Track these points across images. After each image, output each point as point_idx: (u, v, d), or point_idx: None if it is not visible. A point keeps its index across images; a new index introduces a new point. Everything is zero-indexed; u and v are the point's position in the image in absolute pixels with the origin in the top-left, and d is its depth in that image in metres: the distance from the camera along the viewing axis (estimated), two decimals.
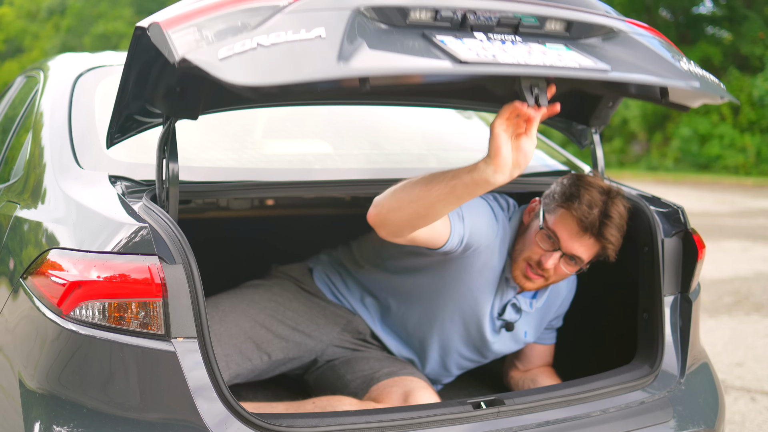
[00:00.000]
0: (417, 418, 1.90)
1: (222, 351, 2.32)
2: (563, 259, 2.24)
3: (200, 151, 2.75)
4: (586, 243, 2.22)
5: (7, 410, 1.92)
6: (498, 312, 2.39)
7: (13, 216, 2.24)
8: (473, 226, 2.20)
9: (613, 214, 2.20)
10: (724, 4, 21.28)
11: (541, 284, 2.31)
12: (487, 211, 2.29)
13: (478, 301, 2.34)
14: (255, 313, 2.40)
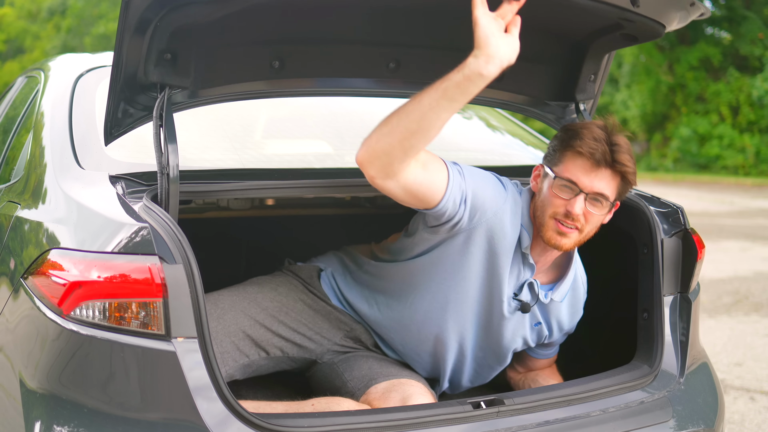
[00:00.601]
0: (417, 417, 1.90)
1: (218, 348, 2.32)
2: (588, 202, 2.13)
3: (200, 152, 2.76)
4: (605, 176, 2.13)
5: (7, 410, 1.92)
6: (514, 291, 2.28)
7: (14, 216, 2.25)
8: (476, 187, 2.13)
9: (620, 142, 2.13)
10: (723, 5, 21.29)
11: (577, 239, 2.17)
12: (491, 177, 2.20)
13: (493, 277, 2.24)
14: (256, 312, 2.40)
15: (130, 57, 1.94)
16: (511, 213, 2.20)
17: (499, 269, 2.22)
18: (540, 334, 2.42)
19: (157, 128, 1.99)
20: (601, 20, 2.24)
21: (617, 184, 2.15)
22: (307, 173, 2.60)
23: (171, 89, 2.02)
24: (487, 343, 2.36)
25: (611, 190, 2.15)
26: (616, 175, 2.14)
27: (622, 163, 2.12)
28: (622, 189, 2.18)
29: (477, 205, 2.13)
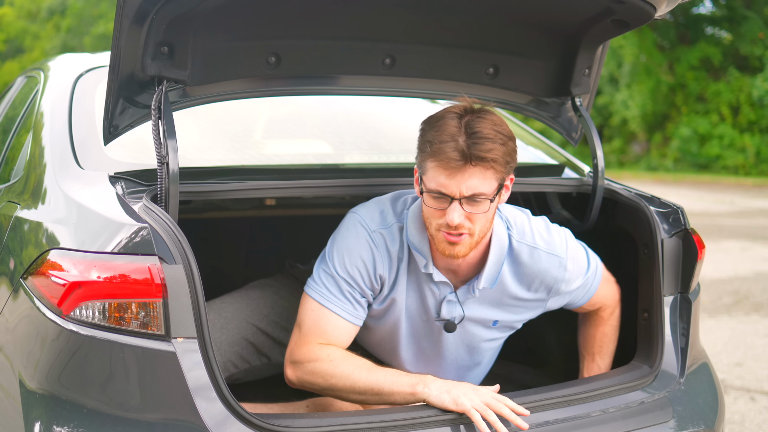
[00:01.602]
0: (417, 418, 1.90)
1: (221, 357, 2.33)
2: (466, 205, 1.96)
3: (200, 152, 2.76)
4: (472, 174, 1.93)
5: (7, 410, 1.92)
6: (435, 314, 2.20)
7: (14, 216, 2.25)
8: (361, 289, 2.11)
9: (478, 128, 1.92)
10: (723, 5, 21.28)
11: (470, 243, 2.02)
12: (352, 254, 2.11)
13: (413, 318, 2.20)
14: (258, 319, 2.40)
15: (127, 51, 1.95)
16: (389, 257, 2.13)
17: (414, 306, 2.19)
18: (509, 325, 2.29)
19: (156, 120, 1.99)
20: (590, 7, 2.24)
21: (490, 175, 1.96)
22: (307, 171, 2.60)
23: (168, 83, 2.03)
24: (453, 365, 2.33)
25: (486, 185, 1.96)
26: (482, 168, 1.94)
27: (484, 156, 1.92)
28: (502, 173, 1.99)
29: (369, 291, 2.13)
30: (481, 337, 2.27)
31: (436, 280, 2.14)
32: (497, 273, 2.16)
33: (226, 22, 2.07)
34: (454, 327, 2.20)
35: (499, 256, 2.15)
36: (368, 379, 2.00)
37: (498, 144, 1.94)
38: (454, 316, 2.19)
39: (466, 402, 1.91)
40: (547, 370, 2.85)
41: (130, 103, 2.11)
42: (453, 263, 2.12)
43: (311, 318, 2.09)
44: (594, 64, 2.54)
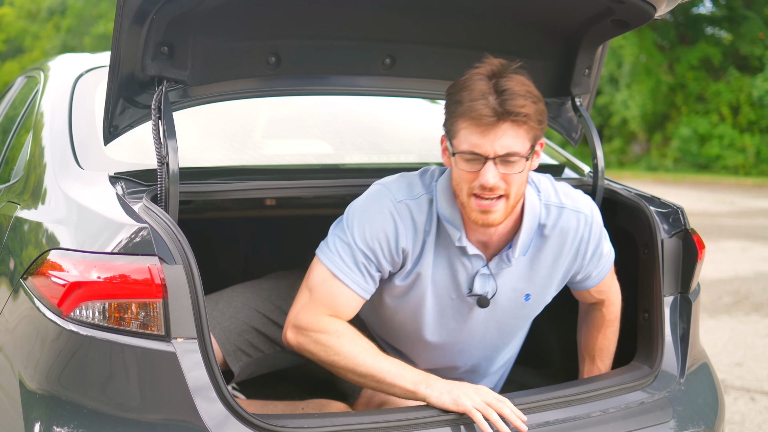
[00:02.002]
0: (417, 418, 1.90)
1: (232, 346, 2.32)
2: (500, 165, 1.91)
3: (201, 152, 2.76)
4: (505, 131, 1.89)
5: (7, 410, 1.92)
6: (467, 289, 2.13)
7: (14, 216, 2.25)
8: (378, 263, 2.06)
9: (508, 86, 1.89)
10: (723, 5, 21.28)
11: (506, 208, 1.97)
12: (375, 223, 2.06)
13: (441, 296, 2.14)
14: (269, 310, 2.39)
15: (127, 52, 1.95)
16: (414, 230, 2.07)
17: (442, 280, 2.13)
18: (540, 299, 2.24)
19: (156, 120, 1.99)
20: (590, 7, 2.24)
21: (523, 132, 1.92)
22: (307, 171, 2.60)
23: (168, 83, 2.03)
24: (481, 344, 2.28)
25: (519, 143, 1.91)
26: (515, 125, 1.90)
27: (516, 112, 1.88)
28: (535, 131, 1.95)
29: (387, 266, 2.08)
30: (512, 313, 2.21)
31: (470, 254, 2.08)
32: (530, 240, 2.11)
33: (226, 22, 2.07)
34: (487, 302, 2.13)
35: (532, 222, 2.10)
36: (372, 365, 1.98)
37: (530, 102, 1.90)
38: (487, 291, 2.12)
39: (467, 402, 1.91)
40: (547, 370, 2.84)
41: (130, 103, 2.11)
42: (486, 234, 2.07)
43: (322, 286, 2.05)
44: (594, 64, 2.54)
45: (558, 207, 2.13)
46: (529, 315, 2.27)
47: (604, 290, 2.32)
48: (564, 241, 2.14)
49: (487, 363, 2.36)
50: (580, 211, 2.14)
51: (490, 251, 2.13)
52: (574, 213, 2.14)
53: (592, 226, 2.16)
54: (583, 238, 2.15)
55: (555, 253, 2.15)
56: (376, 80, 2.43)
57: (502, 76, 1.92)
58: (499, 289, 2.14)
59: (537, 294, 2.20)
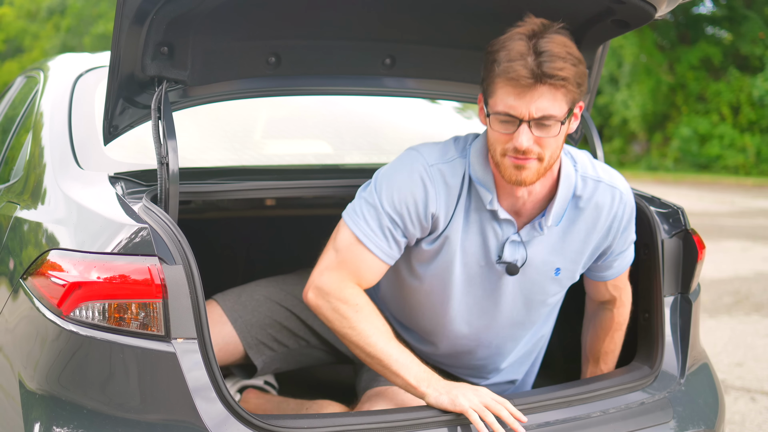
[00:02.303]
0: (417, 419, 1.90)
1: (254, 339, 2.32)
2: (535, 128, 1.89)
3: (200, 152, 2.76)
4: (542, 94, 1.86)
5: (7, 411, 1.91)
6: (497, 256, 2.09)
7: (13, 216, 2.25)
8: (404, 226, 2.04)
9: (548, 48, 1.85)
10: (724, 4, 21.28)
11: (539, 168, 1.94)
12: (403, 184, 2.04)
13: (469, 263, 2.09)
14: (291, 304, 2.37)
15: (127, 52, 1.95)
16: (446, 194, 2.04)
17: (472, 247, 2.09)
18: (569, 276, 2.18)
19: (156, 120, 1.99)
20: (591, 7, 2.23)
21: (561, 95, 1.89)
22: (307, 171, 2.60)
23: (168, 83, 2.03)
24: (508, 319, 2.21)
25: (557, 107, 1.89)
26: (553, 88, 1.87)
27: (555, 75, 1.84)
28: (573, 95, 1.91)
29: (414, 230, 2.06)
30: (541, 287, 2.16)
31: (500, 218, 2.05)
32: (564, 210, 2.08)
33: (226, 22, 2.07)
34: (516, 270, 2.08)
35: (567, 191, 2.07)
36: (383, 349, 1.97)
37: (569, 64, 1.87)
38: (517, 258, 2.08)
39: (464, 402, 1.90)
40: (548, 370, 2.84)
41: (129, 104, 2.11)
42: (518, 199, 2.04)
43: (347, 250, 2.05)
44: (594, 64, 2.54)
45: (595, 180, 2.10)
46: (557, 293, 2.21)
47: (620, 287, 2.29)
48: (598, 216, 2.10)
49: (513, 344, 2.27)
50: (616, 187, 2.12)
51: (522, 219, 2.09)
52: (610, 188, 2.11)
53: (626, 205, 2.13)
54: (617, 215, 2.12)
55: (588, 228, 2.11)
56: (376, 80, 2.43)
57: (542, 37, 1.87)
58: (529, 258, 2.09)
59: (567, 269, 2.15)
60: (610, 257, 2.20)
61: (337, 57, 2.33)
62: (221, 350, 2.32)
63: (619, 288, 2.29)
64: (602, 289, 2.29)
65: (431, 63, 2.43)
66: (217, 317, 2.33)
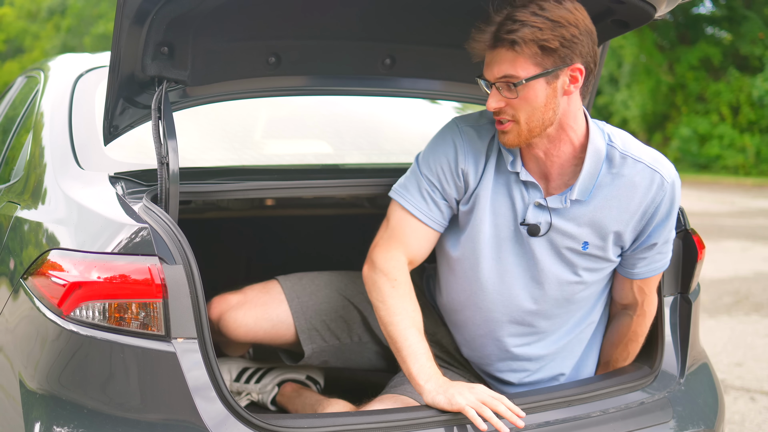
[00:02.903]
0: (417, 418, 1.90)
1: (307, 324, 2.30)
2: (505, 90, 1.95)
3: (201, 152, 2.76)
4: (500, 57, 1.93)
5: (7, 410, 1.92)
6: (521, 218, 2.10)
7: (14, 216, 2.25)
8: (443, 190, 2.11)
9: (515, 14, 1.91)
10: (723, 5, 21.28)
11: (518, 131, 1.99)
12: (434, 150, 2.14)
13: (498, 219, 2.12)
14: (351, 293, 2.35)
15: (127, 52, 1.95)
16: (474, 152, 2.11)
17: (501, 208, 2.11)
18: (600, 254, 2.12)
19: (156, 120, 1.99)
20: (591, 7, 2.24)
21: (526, 55, 1.91)
22: (307, 171, 2.60)
23: (169, 83, 2.03)
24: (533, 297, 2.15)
25: (516, 67, 1.92)
26: (514, 49, 1.91)
27: (505, 38, 1.90)
28: (542, 55, 1.92)
29: (453, 193, 2.13)
30: (570, 261, 2.11)
31: (522, 179, 2.08)
32: (592, 185, 2.05)
33: (226, 22, 2.07)
34: (538, 230, 2.07)
35: (595, 166, 2.04)
36: (401, 332, 2.03)
37: (529, 27, 1.89)
38: (540, 222, 2.08)
39: (461, 400, 1.90)
40: None
41: (130, 104, 2.11)
42: (541, 164, 2.07)
43: (393, 218, 2.15)
44: None
45: (634, 159, 2.06)
46: (590, 271, 2.13)
47: (645, 292, 2.21)
48: (632, 196, 2.06)
49: (549, 323, 2.18)
50: (657, 171, 2.06)
51: (551, 185, 2.09)
52: (650, 171, 2.06)
53: (667, 193, 2.07)
54: (654, 201, 2.06)
55: (621, 206, 2.07)
56: (376, 80, 2.44)
57: (523, 5, 1.93)
58: (554, 226, 2.08)
59: (595, 246, 2.10)
60: (641, 246, 2.12)
61: (337, 57, 2.33)
62: (273, 327, 2.30)
63: (644, 293, 2.21)
64: (627, 288, 2.21)
65: (431, 63, 2.44)
66: (275, 294, 2.33)
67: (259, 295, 2.32)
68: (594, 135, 2.06)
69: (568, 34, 1.92)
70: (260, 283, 2.37)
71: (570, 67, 1.95)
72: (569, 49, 1.93)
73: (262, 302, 2.30)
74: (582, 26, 1.94)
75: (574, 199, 2.05)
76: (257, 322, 2.29)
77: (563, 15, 1.92)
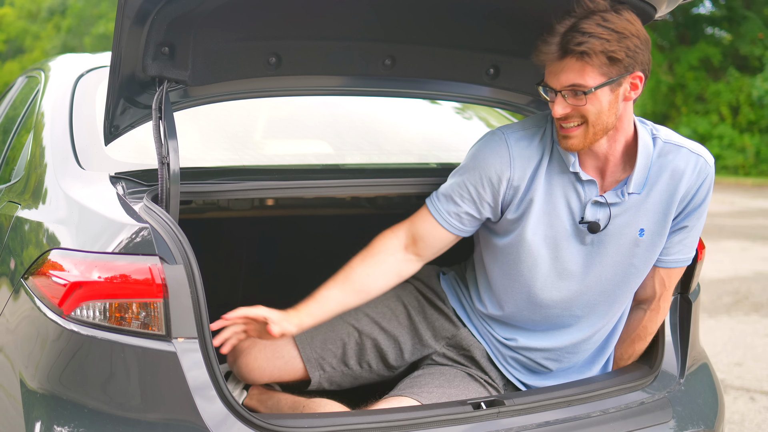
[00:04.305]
0: (417, 418, 1.90)
1: (315, 354, 2.29)
2: (571, 97, 2.02)
3: (201, 152, 2.76)
4: (568, 67, 2.00)
5: (8, 410, 1.92)
6: (580, 217, 2.15)
7: (14, 216, 2.25)
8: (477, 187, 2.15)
9: (581, 25, 1.98)
10: (723, 5, 21.28)
11: (584, 134, 2.05)
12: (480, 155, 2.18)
13: (555, 221, 2.15)
14: (356, 319, 2.33)
15: (128, 52, 1.95)
16: (523, 160, 2.14)
17: (558, 208, 2.15)
18: (654, 240, 2.18)
19: (157, 120, 2.00)
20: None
21: (593, 65, 1.99)
22: (307, 171, 2.60)
23: (169, 83, 2.03)
24: (597, 283, 2.20)
25: (584, 77, 2.00)
26: (583, 59, 1.99)
27: (574, 49, 1.97)
28: (609, 65, 2.00)
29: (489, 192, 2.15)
30: (627, 249, 2.16)
31: (583, 179, 2.13)
32: (645, 178, 2.14)
33: (227, 22, 2.07)
34: (598, 227, 2.14)
35: (646, 159, 2.13)
36: (332, 279, 2.17)
37: (596, 38, 1.97)
38: (599, 218, 2.14)
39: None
40: None
41: (130, 104, 2.11)
42: (598, 160, 2.13)
43: (417, 213, 2.24)
44: None
45: (677, 145, 2.17)
46: (643, 259, 2.18)
47: (667, 286, 2.26)
48: (680, 179, 2.16)
49: (598, 319, 2.23)
50: (701, 155, 2.19)
51: (607, 181, 2.16)
52: (695, 155, 2.18)
53: (708, 176, 2.22)
54: (696, 182, 2.20)
55: (670, 190, 2.16)
56: (376, 81, 2.44)
57: (585, 17, 2.00)
58: (613, 217, 2.14)
59: (651, 231, 2.16)
60: (674, 227, 2.21)
61: (337, 57, 2.33)
62: (286, 364, 2.30)
63: (664, 285, 2.25)
64: (649, 276, 2.24)
65: (431, 63, 2.44)
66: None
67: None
68: (641, 132, 2.16)
69: (632, 44, 2.01)
70: None
71: (632, 75, 2.04)
72: (632, 59, 2.01)
73: (270, 342, 2.28)
74: (642, 36, 2.03)
75: (630, 192, 2.13)
76: (270, 362, 2.29)
77: (626, 26, 2.00)
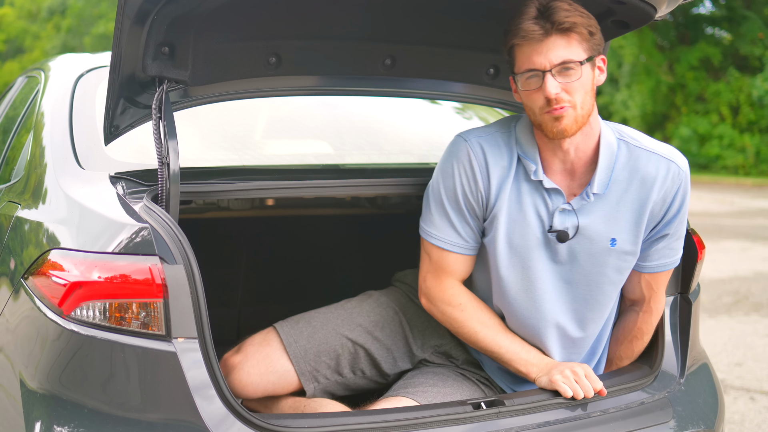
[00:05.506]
0: (417, 418, 1.90)
1: (309, 366, 2.29)
2: (559, 76, 1.99)
3: (201, 152, 2.76)
4: (555, 44, 1.98)
5: (8, 410, 1.92)
6: (548, 226, 2.11)
7: (14, 216, 2.25)
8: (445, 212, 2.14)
9: (552, 4, 1.98)
10: (723, 5, 21.29)
11: (575, 115, 2.01)
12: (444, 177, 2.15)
13: (524, 230, 2.12)
14: (349, 329, 2.33)
15: (128, 52, 1.95)
16: (490, 165, 2.12)
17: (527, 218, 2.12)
18: (627, 250, 2.14)
19: (157, 120, 2.00)
20: (591, 8, 2.24)
21: (576, 40, 1.99)
22: (307, 171, 2.60)
23: (169, 83, 2.03)
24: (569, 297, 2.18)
25: (573, 52, 1.99)
26: (567, 34, 1.98)
27: (562, 21, 1.96)
28: (588, 42, 2.01)
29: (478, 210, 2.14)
30: (598, 260, 2.13)
31: (546, 187, 2.10)
32: (608, 177, 2.10)
33: (227, 22, 2.07)
34: (567, 236, 2.10)
35: (609, 158, 2.10)
36: (492, 344, 2.16)
37: (575, 13, 1.98)
38: (567, 226, 2.10)
39: (556, 376, 2.07)
40: None
41: (130, 104, 2.11)
42: (564, 163, 2.10)
43: (434, 255, 2.19)
44: None
45: (648, 151, 2.12)
46: (617, 268, 2.15)
47: (653, 288, 2.22)
48: (651, 186, 2.10)
49: (579, 324, 2.20)
50: (673, 161, 2.12)
51: (575, 183, 2.12)
52: (666, 161, 2.11)
53: (683, 182, 2.13)
54: (669, 190, 2.12)
55: (642, 198, 2.11)
56: (376, 80, 2.44)
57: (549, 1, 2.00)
58: (582, 227, 2.10)
59: (623, 240, 2.12)
60: (653, 237, 2.16)
61: (337, 57, 2.33)
62: (280, 378, 2.27)
63: (652, 288, 2.22)
64: (635, 281, 2.22)
65: (431, 63, 2.44)
66: (275, 345, 2.29)
67: (259, 349, 2.28)
68: (604, 129, 2.13)
69: (593, 23, 2.03)
70: (258, 335, 2.32)
71: (600, 56, 2.06)
72: (597, 36, 2.04)
73: (263, 356, 2.27)
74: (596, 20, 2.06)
75: (594, 192, 2.09)
76: (263, 377, 2.26)
77: (583, 9, 2.02)
